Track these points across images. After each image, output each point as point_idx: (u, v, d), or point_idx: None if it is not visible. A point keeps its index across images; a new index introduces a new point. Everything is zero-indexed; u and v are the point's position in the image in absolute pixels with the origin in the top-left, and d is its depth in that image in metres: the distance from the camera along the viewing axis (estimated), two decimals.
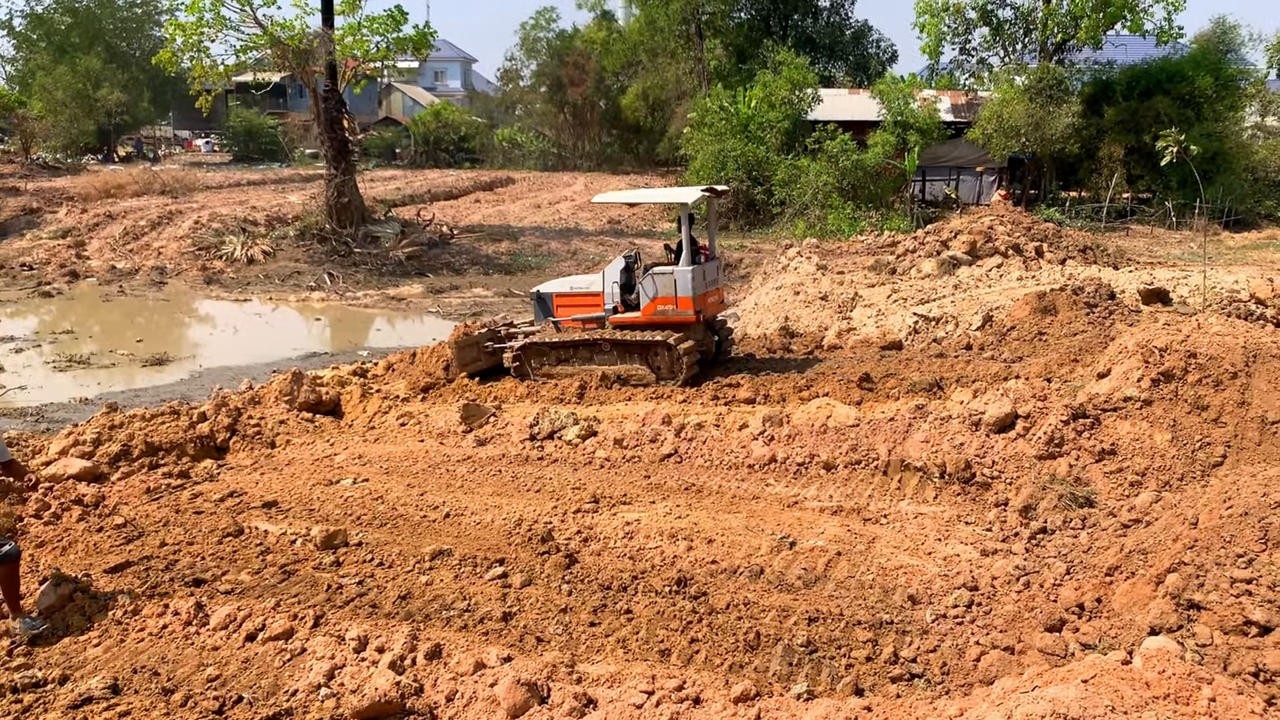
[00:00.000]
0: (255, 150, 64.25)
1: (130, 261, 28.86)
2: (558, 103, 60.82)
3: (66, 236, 31.73)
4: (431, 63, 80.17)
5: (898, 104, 35.69)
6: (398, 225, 32.13)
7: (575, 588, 7.06)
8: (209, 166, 57.31)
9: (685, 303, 13.01)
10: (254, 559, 7.92)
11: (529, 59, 64.01)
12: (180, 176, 46.15)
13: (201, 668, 6.15)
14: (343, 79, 30.73)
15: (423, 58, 37.84)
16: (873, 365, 13.55)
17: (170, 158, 65.44)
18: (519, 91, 66.84)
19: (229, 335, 20.97)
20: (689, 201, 13.52)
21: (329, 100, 29.83)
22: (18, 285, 26.04)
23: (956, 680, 5.62)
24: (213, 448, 11.49)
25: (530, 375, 13.65)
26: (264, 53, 31.84)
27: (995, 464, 8.84)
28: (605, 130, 62.53)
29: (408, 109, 78.30)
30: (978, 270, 19.75)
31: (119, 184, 41.91)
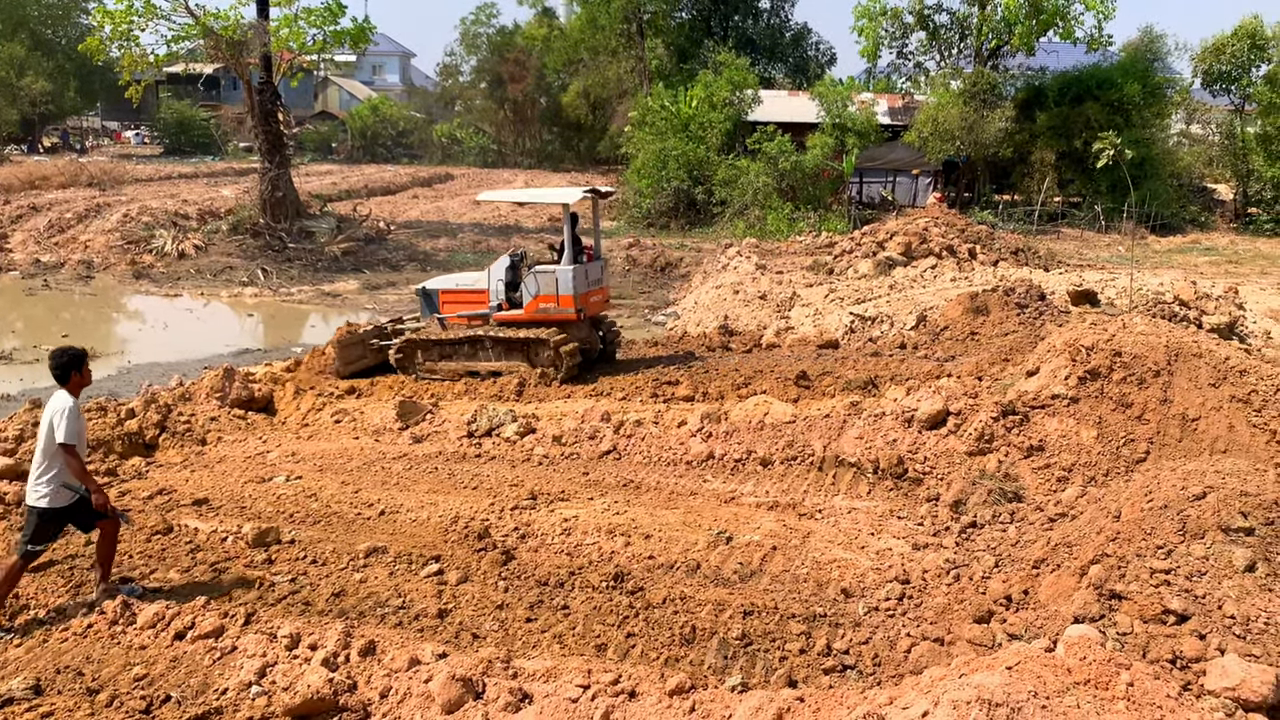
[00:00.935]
0: (187, 143, 62.84)
1: (56, 255, 28.05)
2: (498, 99, 60.46)
3: None
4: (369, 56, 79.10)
5: (836, 106, 36.08)
6: (333, 221, 31.67)
7: (512, 584, 7.05)
8: (138, 159, 55.94)
9: (566, 301, 13.29)
10: (184, 557, 7.77)
11: (469, 55, 63.55)
12: (108, 169, 45.00)
13: (128, 667, 6.02)
14: (278, 72, 30.21)
15: (360, 51, 37.30)
16: (810, 363, 13.70)
17: (98, 149, 63.74)
18: (458, 87, 66.27)
19: (159, 331, 20.50)
20: (569, 202, 13.75)
21: (264, 93, 29.29)
22: None
23: (888, 671, 5.72)
24: (141, 445, 11.23)
25: (414, 371, 13.76)
26: (196, 43, 31.14)
27: (927, 460, 9.00)
28: (546, 128, 62.29)
29: (345, 103, 77.26)
30: (913, 271, 20.09)
31: (44, 175, 40.76)
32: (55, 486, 6.68)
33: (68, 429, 6.62)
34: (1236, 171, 38.11)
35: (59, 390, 6.87)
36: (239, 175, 45.78)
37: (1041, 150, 36.79)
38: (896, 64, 44.73)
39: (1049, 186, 36.07)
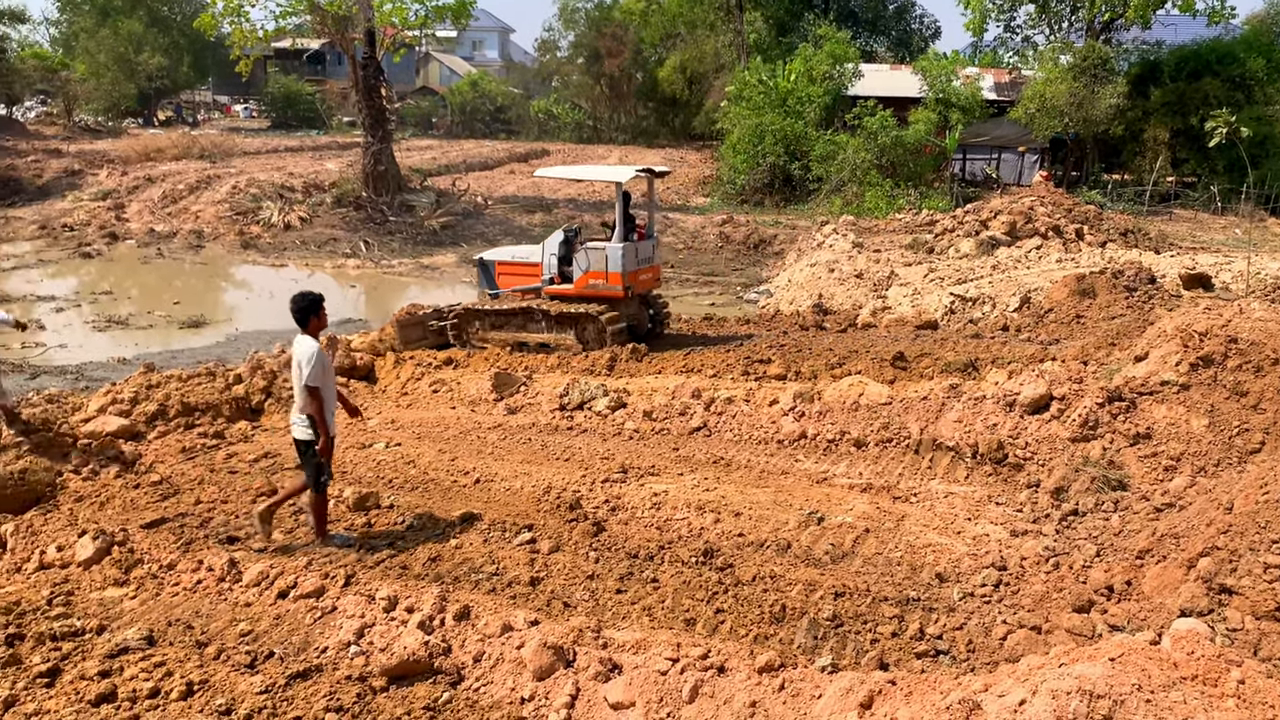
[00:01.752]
0: (293, 117, 64.51)
1: (169, 225, 29.14)
2: (594, 74, 60.46)
3: (107, 199, 32.09)
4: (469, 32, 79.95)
5: (940, 81, 35.21)
6: (433, 195, 32.22)
7: (602, 555, 7.11)
8: (247, 132, 57.65)
9: (615, 278, 13.51)
10: (287, 519, 8.02)
11: (567, 30, 63.67)
12: (219, 141, 46.49)
13: (234, 623, 6.25)
14: (381, 47, 30.75)
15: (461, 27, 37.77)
16: (907, 344, 13.46)
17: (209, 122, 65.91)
18: (556, 63, 66.52)
19: (265, 300, 21.17)
20: (622, 180, 13.94)
21: (367, 68, 29.86)
22: (59, 246, 26.40)
23: (982, 658, 5.61)
24: (248, 410, 11.63)
25: (468, 341, 14.21)
26: (303, 19, 31.91)
27: (1028, 445, 8.77)
28: (641, 103, 62.14)
29: (445, 78, 78.26)
30: (1016, 251, 19.54)
31: (158, 147, 42.31)
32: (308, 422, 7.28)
33: (311, 372, 7.14)
34: None
35: (300, 335, 7.31)
36: (342, 149, 46.83)
37: (1155, 128, 35.34)
38: (1004, 38, 43.39)
39: (1162, 166, 34.66)
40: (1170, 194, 34.94)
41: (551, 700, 5.19)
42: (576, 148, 56.18)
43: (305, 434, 7.28)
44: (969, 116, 35.01)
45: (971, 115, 35.15)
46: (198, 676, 5.54)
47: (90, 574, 7.06)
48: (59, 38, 66.65)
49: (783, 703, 4.85)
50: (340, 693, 5.33)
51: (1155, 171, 34.18)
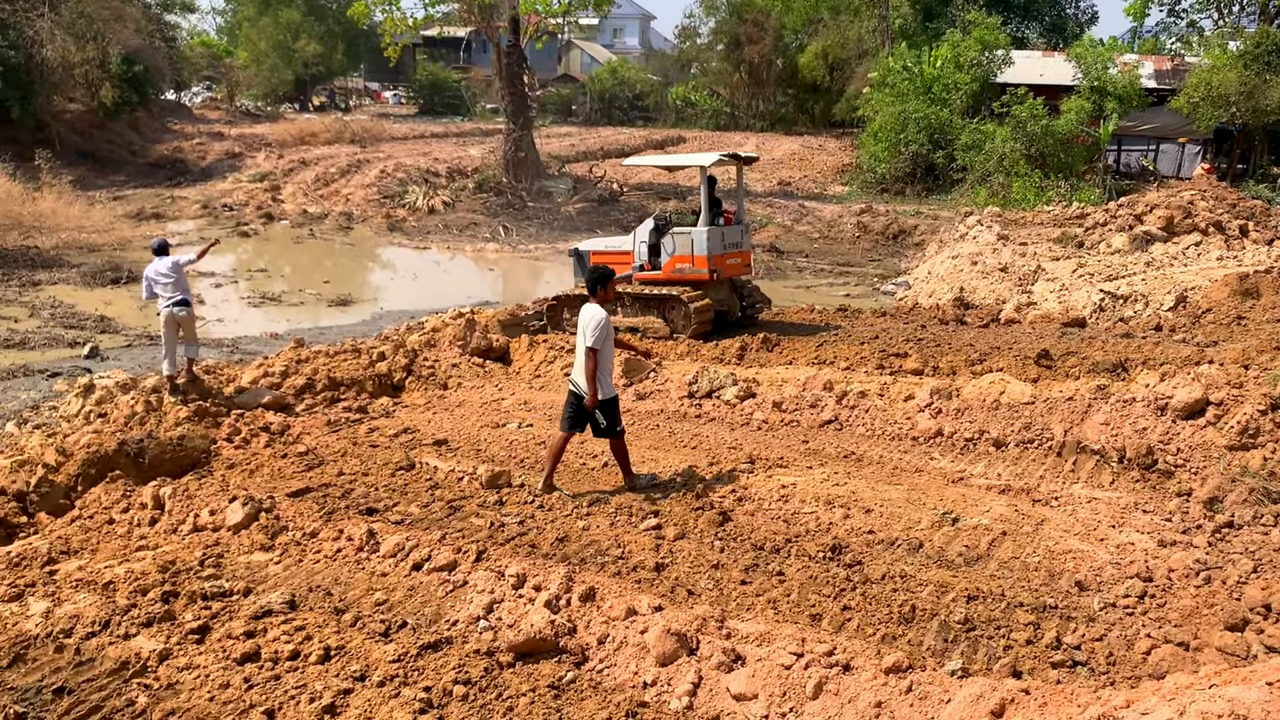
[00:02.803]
0: (439, 103, 66.27)
1: (320, 206, 30.40)
2: (734, 61, 59.97)
3: (264, 180, 33.71)
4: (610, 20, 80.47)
5: (1095, 68, 33.59)
6: (570, 181, 32.66)
7: (728, 545, 7.08)
8: (395, 118, 59.52)
9: (701, 261, 13.68)
10: (424, 493, 8.28)
11: (708, 16, 63.27)
12: (369, 127, 48.18)
13: (371, 591, 6.49)
14: (525, 34, 31.30)
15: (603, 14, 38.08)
16: (1052, 342, 12.94)
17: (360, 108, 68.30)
18: (695, 50, 66.25)
19: (408, 281, 21.86)
20: (706, 165, 14.05)
21: (511, 55, 30.45)
22: (219, 224, 27.85)
23: (1123, 672, 5.36)
24: (390, 386, 12.05)
25: (563, 326, 14.66)
26: (451, 7, 32.73)
27: (1180, 452, 8.32)
28: (780, 90, 61.39)
29: (585, 66, 79.05)
30: (1173, 248, 18.53)
31: (313, 132, 44.15)
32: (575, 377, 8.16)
33: (595, 336, 7.89)
34: None
35: (589, 302, 8.13)
36: (485, 135, 47.87)
37: None
38: (1166, 23, 41.18)
39: None
40: None
41: (674, 687, 5.21)
42: (713, 135, 55.96)
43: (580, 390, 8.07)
44: (1126, 106, 33.29)
45: (1129, 104, 33.41)
46: (335, 642, 5.77)
47: (239, 538, 7.44)
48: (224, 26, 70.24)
49: (909, 705, 4.74)
50: (469, 666, 5.47)
51: None
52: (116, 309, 17.55)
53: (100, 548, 7.60)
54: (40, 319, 16.39)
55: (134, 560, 7.15)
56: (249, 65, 60.58)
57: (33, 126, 33.68)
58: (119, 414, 10.33)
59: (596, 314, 7.97)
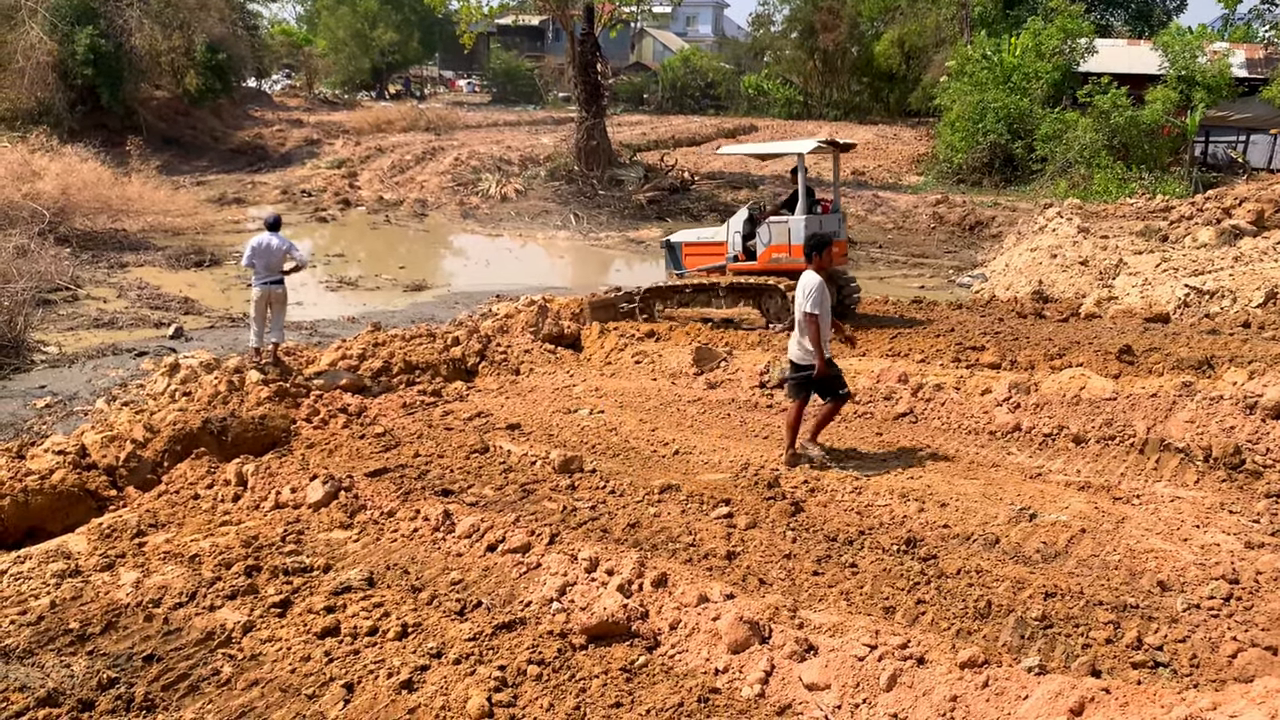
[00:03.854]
0: (512, 92, 66.87)
1: (396, 193, 30.85)
2: (808, 49, 59.46)
3: (341, 167, 34.32)
4: (684, 7, 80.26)
5: (1183, 57, 32.58)
6: (641, 170, 32.67)
7: (800, 536, 7.05)
8: (469, 106, 60.21)
9: (798, 251, 13.20)
10: (497, 476, 8.38)
11: (782, 4, 62.82)
12: (443, 115, 48.80)
13: (446, 571, 6.60)
14: (599, 23, 31.36)
15: (676, 2, 38.03)
16: (1135, 337, 12.63)
17: (435, 96, 69.20)
18: (769, 37, 65.80)
19: (481, 266, 22.11)
20: (804, 152, 13.85)
21: (584, 44, 30.53)
22: (299, 210, 28.43)
23: (1207, 674, 5.23)
24: (464, 371, 12.22)
25: (654, 317, 14.53)
26: None
27: (1269, 452, 8.06)
28: (855, 78, 60.69)
29: (658, 54, 79.03)
30: (1264, 242, 17.90)
31: (389, 120, 44.84)
32: (803, 350, 8.35)
33: (813, 300, 8.11)
34: None
35: (807, 270, 8.33)
36: (557, 124, 48.16)
37: None
38: (1260, 10, 39.83)
39: None
40: None
41: (745, 674, 5.21)
42: (786, 124, 55.52)
43: (802, 359, 8.33)
44: (1214, 96, 32.23)
45: (1218, 94, 32.34)
46: (412, 619, 5.88)
47: (319, 516, 7.61)
48: (303, 15, 71.60)
49: (985, 700, 4.68)
50: (542, 646, 5.54)
51: None
52: (200, 291, 18.03)
53: (186, 522, 7.83)
54: (128, 300, 16.91)
55: (218, 535, 7.36)
56: (327, 53, 61.75)
57: (121, 113, 34.72)
58: (203, 393, 10.63)
59: (812, 280, 8.17)
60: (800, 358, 8.39)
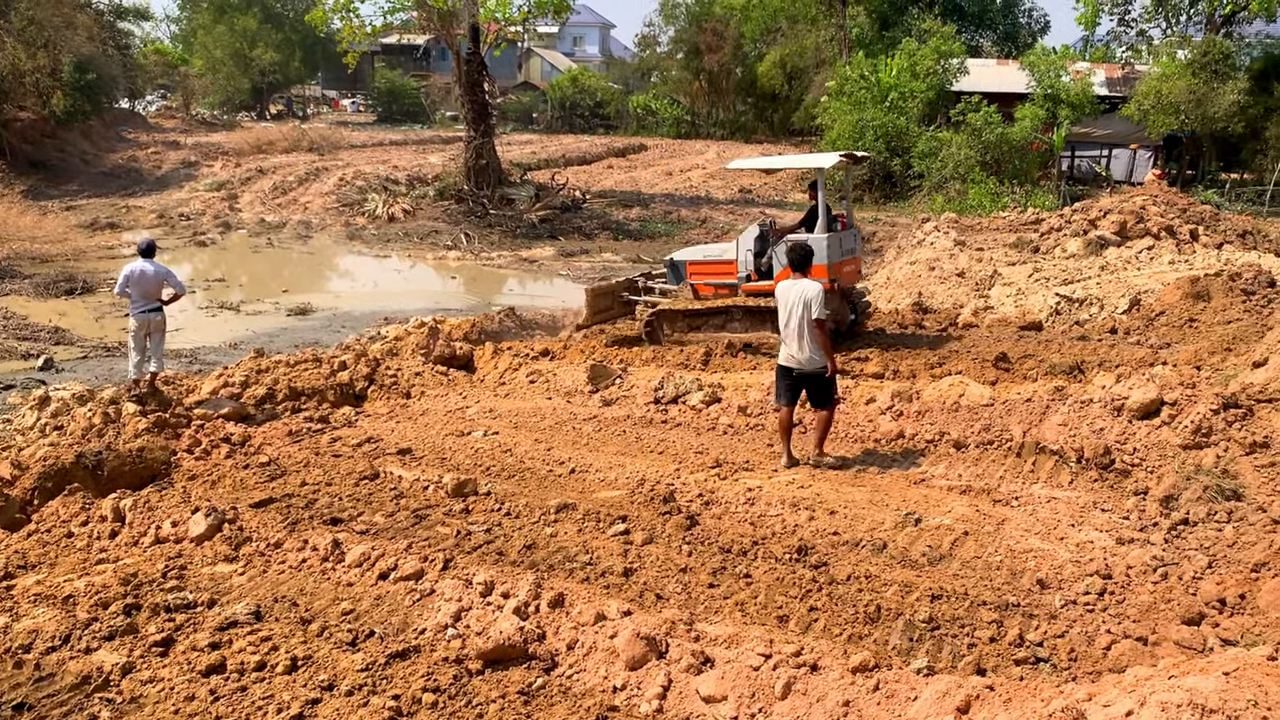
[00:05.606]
0: (398, 111, 66.00)
1: (279, 215, 30.13)
2: (693, 70, 60.36)
3: (221, 189, 33.35)
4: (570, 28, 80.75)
5: (1048, 76, 34.19)
6: (532, 189, 32.62)
7: (695, 549, 7.12)
8: (354, 126, 59.21)
9: (821, 271, 12.46)
10: (388, 502, 8.24)
11: (667, 25, 63.61)
12: (327, 135, 47.89)
13: (337, 601, 6.45)
14: (484, 42, 31.25)
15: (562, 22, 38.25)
16: (1010, 345, 13.13)
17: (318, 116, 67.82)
18: (655, 58, 66.55)
19: (369, 289, 21.72)
20: (826, 167, 13.20)
21: (471, 63, 30.38)
22: (176, 234, 27.50)
23: (1085, 667, 5.46)
24: (352, 395, 11.98)
25: (661, 340, 13.77)
26: (410, 14, 32.62)
27: (1136, 451, 8.48)
28: (740, 98, 61.84)
29: (546, 73, 79.08)
30: (1127, 252, 18.87)
31: (270, 140, 43.79)
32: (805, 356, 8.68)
33: (819, 307, 8.54)
34: None
35: (803, 279, 8.80)
36: (445, 143, 47.75)
37: (1278, 126, 33.72)
38: (1117, 32, 41.97)
39: None
40: None
41: (644, 690, 5.23)
42: (674, 143, 56.22)
43: (804, 365, 8.69)
44: (1078, 113, 33.91)
45: (1081, 111, 34.03)
46: (302, 652, 5.73)
47: (202, 549, 7.36)
48: (178, 34, 69.39)
49: (876, 703, 4.79)
50: (437, 673, 5.46)
51: (1278, 171, 32.61)
52: (71, 320, 17.29)
53: (59, 561, 7.48)
54: None
55: (94, 573, 7.05)
56: (204, 73, 59.95)
57: None
58: (76, 426, 10.19)
59: (817, 288, 8.62)
60: (803, 363, 8.70)
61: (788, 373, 8.88)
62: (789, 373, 8.87)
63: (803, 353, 8.70)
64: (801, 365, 8.75)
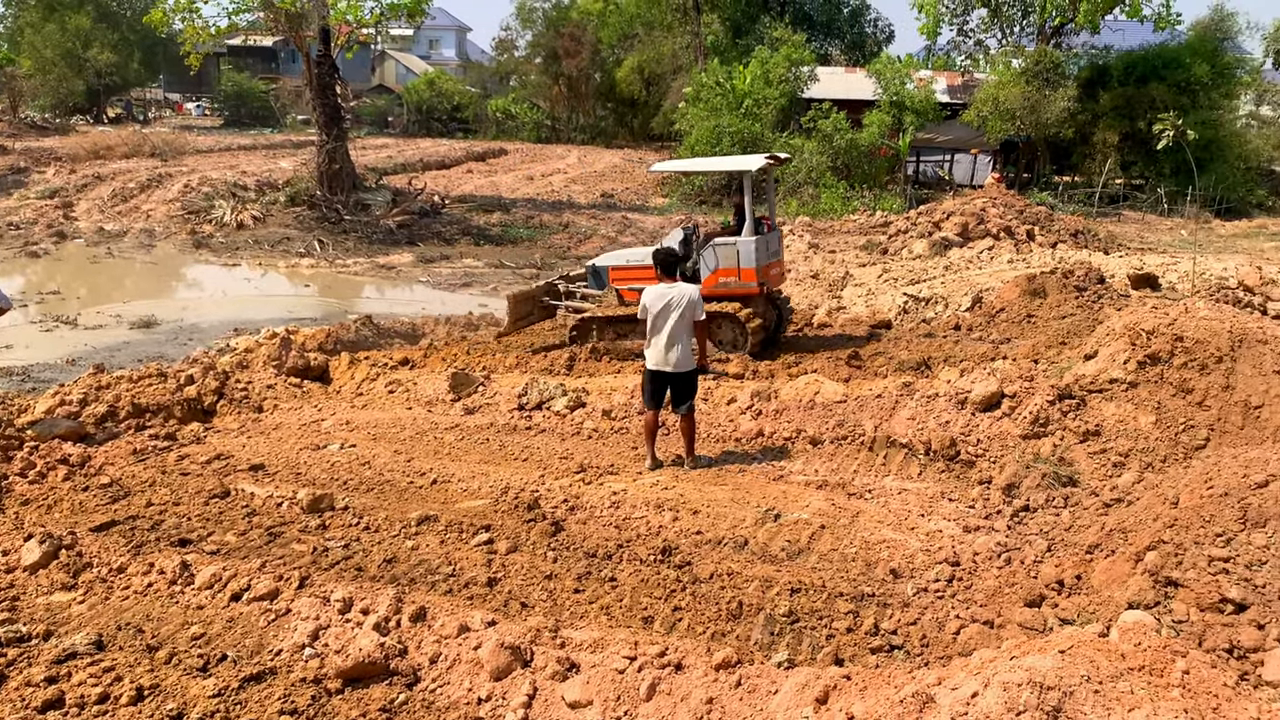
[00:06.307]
0: (246, 115, 63.73)
1: (119, 223, 28.64)
2: (552, 74, 60.34)
3: (54, 197, 31.47)
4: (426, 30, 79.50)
5: (894, 84, 35.58)
6: (389, 194, 31.95)
7: (560, 555, 7.10)
8: (199, 130, 56.84)
9: (749, 274, 12.66)
10: (240, 520, 7.93)
11: (524, 29, 63.45)
12: (170, 139, 45.78)
13: (186, 626, 6.16)
14: (336, 44, 30.45)
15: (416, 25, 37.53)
16: (862, 344, 13.59)
17: (160, 120, 64.82)
18: (514, 62, 66.27)
19: (218, 299, 20.87)
20: (752, 169, 13.16)
21: (321, 66, 29.54)
22: (4, 245, 25.82)
23: (936, 652, 5.69)
24: (200, 411, 11.46)
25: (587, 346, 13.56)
26: (257, 15, 31.52)
27: (980, 442, 8.89)
28: (600, 103, 62.15)
29: (401, 77, 77.75)
30: (969, 252, 19.80)
31: (108, 145, 41.59)
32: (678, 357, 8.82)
33: (702, 308, 8.86)
34: None
35: (679, 283, 8.98)
36: (296, 147, 46.32)
37: (1104, 131, 36.00)
38: (956, 41, 44.04)
39: (1111, 168, 35.31)
40: (1119, 196, 35.60)
41: (509, 700, 5.18)
42: (535, 147, 56.07)
43: (678, 366, 8.81)
44: (922, 119, 35.41)
45: (925, 118, 35.55)
46: (148, 681, 5.45)
47: (37, 578, 6.93)
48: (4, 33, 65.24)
49: (739, 699, 4.87)
50: (295, 695, 5.28)
51: (1104, 174, 34.80)
52: None
53: None
54: None
55: None
56: (34, 74, 56.49)
57: None
58: None
59: (697, 289, 8.93)
60: (676, 366, 8.79)
61: (657, 376, 8.95)
62: (658, 376, 8.94)
63: (676, 355, 8.78)
64: (673, 368, 8.83)
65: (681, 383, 8.95)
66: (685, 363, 8.85)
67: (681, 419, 9.10)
